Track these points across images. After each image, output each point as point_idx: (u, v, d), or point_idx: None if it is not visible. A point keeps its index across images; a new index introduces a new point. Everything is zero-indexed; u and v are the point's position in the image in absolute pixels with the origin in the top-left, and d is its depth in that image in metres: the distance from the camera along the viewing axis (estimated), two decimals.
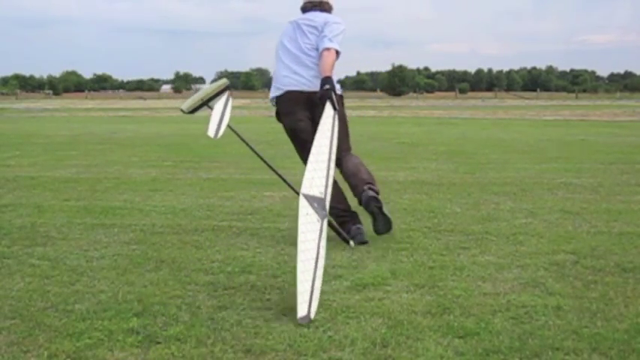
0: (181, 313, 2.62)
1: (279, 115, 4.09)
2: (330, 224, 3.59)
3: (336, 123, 3.64)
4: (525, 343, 2.31)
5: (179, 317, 2.57)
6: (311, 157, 3.33)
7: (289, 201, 5.11)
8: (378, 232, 3.85)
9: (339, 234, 3.76)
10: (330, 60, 3.81)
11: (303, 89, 3.89)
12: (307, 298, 2.65)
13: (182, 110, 4.02)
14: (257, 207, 4.92)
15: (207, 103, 3.94)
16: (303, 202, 3.08)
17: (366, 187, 3.83)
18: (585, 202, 5.03)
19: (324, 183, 3.27)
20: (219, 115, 3.78)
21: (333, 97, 3.69)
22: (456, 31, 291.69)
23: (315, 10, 4.07)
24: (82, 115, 24.60)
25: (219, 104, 3.84)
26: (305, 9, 4.11)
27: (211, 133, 3.73)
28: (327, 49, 3.83)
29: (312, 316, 2.58)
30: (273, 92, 4.04)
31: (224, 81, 4.03)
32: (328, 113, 3.63)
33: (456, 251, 3.58)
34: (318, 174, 3.28)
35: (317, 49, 3.90)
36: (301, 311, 2.58)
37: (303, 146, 3.91)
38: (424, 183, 6.09)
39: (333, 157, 3.46)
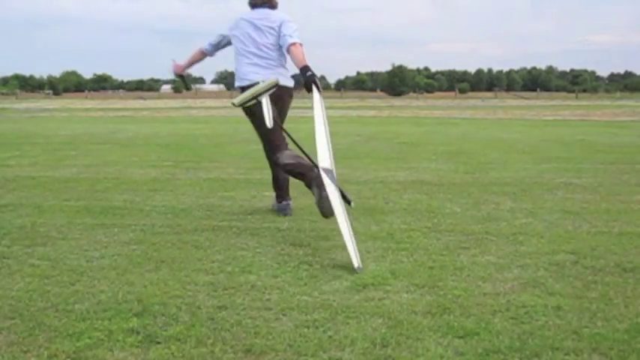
0: (181, 313, 2.62)
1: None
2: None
3: (324, 104, 4.07)
4: (525, 343, 2.31)
5: (179, 317, 2.57)
6: (316, 137, 3.93)
7: None
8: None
9: (343, 197, 3.91)
10: (301, 52, 4.24)
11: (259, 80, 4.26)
12: (354, 253, 3.31)
13: (233, 103, 4.25)
14: (257, 207, 4.92)
15: (256, 97, 4.24)
16: (323, 175, 3.79)
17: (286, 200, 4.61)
18: (585, 202, 5.04)
19: (329, 156, 3.89)
20: (267, 107, 4.20)
21: (317, 82, 4.07)
22: (456, 31, 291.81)
23: (264, 6, 4.46)
24: (82, 115, 24.58)
25: (265, 98, 4.21)
26: (255, 5, 4.47)
27: (269, 123, 4.17)
28: (293, 44, 4.25)
29: (361, 265, 3.23)
30: (239, 82, 4.44)
31: (275, 80, 4.27)
32: (316, 97, 4.04)
33: (456, 251, 3.58)
34: (324, 149, 3.90)
35: (276, 49, 4.37)
36: (355, 263, 3.25)
37: (259, 126, 4.35)
38: (424, 183, 6.09)
39: (329, 134, 3.99)
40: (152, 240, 3.87)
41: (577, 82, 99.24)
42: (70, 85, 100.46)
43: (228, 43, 4.62)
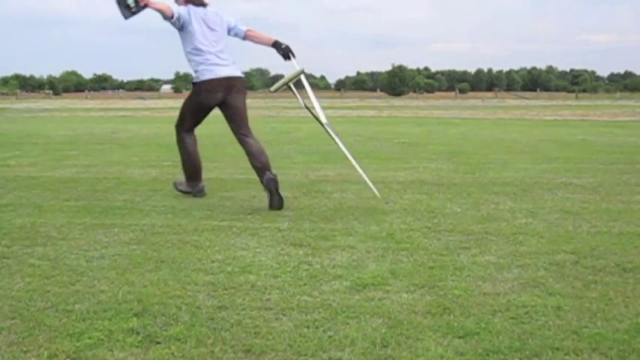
0: (181, 313, 2.62)
1: (198, 88, 5.00)
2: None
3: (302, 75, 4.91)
4: (525, 343, 2.31)
5: (179, 317, 2.57)
6: (312, 99, 4.94)
7: (288, 201, 5.11)
8: (272, 207, 4.74)
9: (342, 145, 4.88)
10: (261, 32, 5.02)
11: (229, 75, 4.90)
12: (372, 186, 4.63)
13: (269, 91, 4.87)
14: (257, 207, 4.92)
15: (287, 84, 4.94)
16: (327, 129, 4.84)
17: (267, 172, 4.82)
18: (585, 202, 5.04)
19: (322, 112, 4.93)
20: (296, 91, 4.98)
21: (292, 51, 4.95)
22: (456, 31, 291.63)
23: (204, 6, 4.95)
24: (82, 115, 24.57)
25: (292, 85, 4.99)
26: (195, 3, 4.92)
27: (301, 104, 4.97)
28: (248, 29, 5.03)
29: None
30: (206, 74, 4.88)
31: (302, 69, 4.96)
32: (295, 64, 4.91)
33: (456, 251, 3.58)
34: (319, 108, 4.89)
35: (229, 48, 4.98)
36: (377, 193, 4.54)
37: (199, 118, 5.30)
38: (424, 183, 6.09)
39: (312, 93, 4.94)
40: (152, 240, 3.87)
41: (577, 82, 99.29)
42: (70, 85, 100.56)
43: (180, 28, 4.91)
